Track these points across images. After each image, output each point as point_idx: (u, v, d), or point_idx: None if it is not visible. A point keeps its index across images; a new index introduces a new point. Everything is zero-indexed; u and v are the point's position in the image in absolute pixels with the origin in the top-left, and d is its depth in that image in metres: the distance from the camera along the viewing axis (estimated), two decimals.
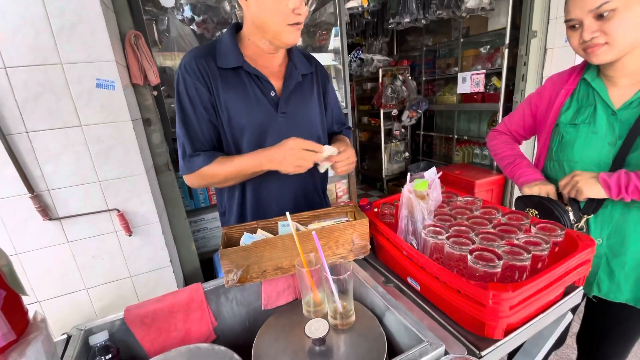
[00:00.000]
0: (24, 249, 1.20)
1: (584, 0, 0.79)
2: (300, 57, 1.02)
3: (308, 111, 1.01)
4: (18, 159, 1.12)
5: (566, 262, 0.65)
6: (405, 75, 3.84)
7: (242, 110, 0.90)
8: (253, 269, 0.75)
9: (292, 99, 0.97)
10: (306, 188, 1.06)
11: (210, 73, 0.87)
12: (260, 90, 0.92)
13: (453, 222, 0.81)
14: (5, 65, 1.05)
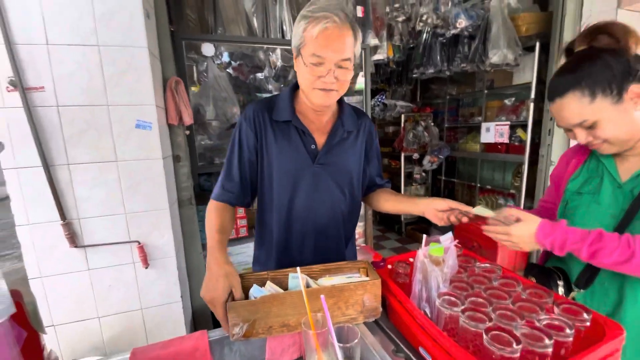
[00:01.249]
0: (47, 273, 1.25)
1: (566, 118, 0.82)
2: (351, 114, 1.07)
3: (345, 164, 1.05)
4: (56, 188, 1.21)
5: (593, 351, 0.60)
6: (428, 121, 3.89)
7: (280, 156, 0.99)
8: (260, 324, 0.75)
9: (332, 152, 1.02)
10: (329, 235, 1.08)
11: (263, 123, 0.99)
12: (303, 142, 0.99)
13: (470, 292, 0.78)
14: (58, 104, 1.17)
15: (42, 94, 1.15)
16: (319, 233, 1.05)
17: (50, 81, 1.15)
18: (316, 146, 1.00)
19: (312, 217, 1.02)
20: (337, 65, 0.88)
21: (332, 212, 1.05)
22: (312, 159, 1.00)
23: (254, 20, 2.08)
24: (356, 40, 0.90)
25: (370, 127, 1.12)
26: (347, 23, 0.87)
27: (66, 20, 1.14)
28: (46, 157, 1.18)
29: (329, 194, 1.03)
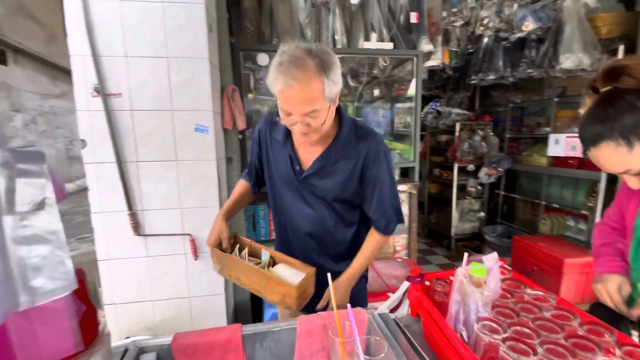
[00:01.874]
0: (114, 256, 1.42)
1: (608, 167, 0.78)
2: (348, 141, 1.02)
3: (330, 187, 1.05)
4: (126, 182, 1.37)
5: None
6: (486, 130, 3.63)
7: (273, 169, 1.11)
8: (225, 271, 1.05)
9: (316, 175, 1.05)
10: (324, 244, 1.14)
11: (265, 139, 1.12)
12: (290, 161, 1.06)
13: (515, 320, 0.71)
14: (132, 109, 1.33)
15: (119, 99, 1.32)
16: (313, 240, 1.13)
17: (126, 89, 1.32)
18: (300, 167, 1.05)
19: (301, 226, 1.11)
20: (305, 116, 0.88)
21: (320, 225, 1.10)
22: (297, 178, 1.06)
23: (307, 30, 2.16)
24: (327, 84, 0.86)
25: (372, 152, 1.03)
26: (311, 75, 0.84)
27: (142, 34, 1.30)
28: (120, 155, 1.35)
29: (314, 208, 1.09)
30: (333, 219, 1.10)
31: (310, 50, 0.86)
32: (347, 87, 2.54)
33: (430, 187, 4.41)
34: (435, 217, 4.33)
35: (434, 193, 4.31)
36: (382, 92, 2.87)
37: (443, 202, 4.09)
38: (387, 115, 2.71)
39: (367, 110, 2.72)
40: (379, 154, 1.03)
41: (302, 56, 0.85)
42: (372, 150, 1.03)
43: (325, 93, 0.87)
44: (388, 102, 2.75)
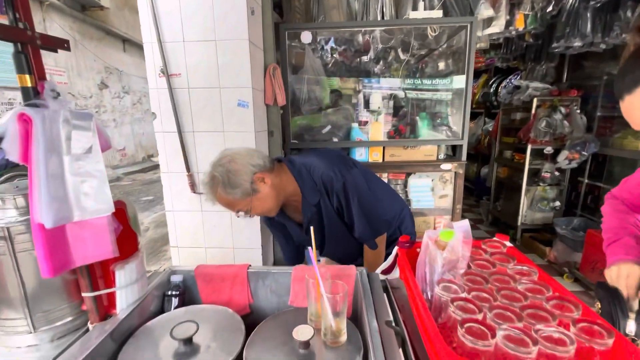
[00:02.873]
0: (177, 209, 1.75)
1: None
2: (310, 187, 1.19)
3: (328, 227, 1.25)
4: (185, 149, 1.66)
5: None
6: (572, 107, 3.13)
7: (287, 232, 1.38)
8: None
9: (313, 224, 1.19)
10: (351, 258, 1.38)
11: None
12: (294, 222, 1.32)
13: (480, 286, 0.73)
14: (189, 87, 1.58)
15: (179, 79, 1.58)
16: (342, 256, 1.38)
17: (184, 69, 1.57)
18: (299, 225, 1.29)
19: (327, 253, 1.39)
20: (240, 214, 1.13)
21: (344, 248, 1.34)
22: (304, 232, 1.28)
23: (355, 4, 2.16)
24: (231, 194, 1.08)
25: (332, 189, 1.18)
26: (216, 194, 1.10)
27: (196, 21, 1.52)
28: (180, 125, 1.63)
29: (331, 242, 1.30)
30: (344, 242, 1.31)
31: (213, 175, 1.09)
32: (398, 60, 2.47)
33: (499, 171, 4.02)
34: (501, 204, 3.96)
35: (503, 178, 3.93)
36: (440, 65, 2.70)
37: (512, 188, 3.71)
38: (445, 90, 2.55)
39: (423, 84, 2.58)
40: (334, 184, 1.17)
41: (209, 183, 1.11)
42: (327, 184, 1.18)
43: (236, 197, 1.08)
44: (446, 76, 2.58)
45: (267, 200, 1.13)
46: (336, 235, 1.28)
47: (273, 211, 1.18)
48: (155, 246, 3.66)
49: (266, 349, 0.75)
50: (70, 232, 0.71)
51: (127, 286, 0.82)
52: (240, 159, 1.10)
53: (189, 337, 0.73)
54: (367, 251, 1.30)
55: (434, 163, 2.12)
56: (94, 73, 7.22)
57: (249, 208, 1.12)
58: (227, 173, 1.08)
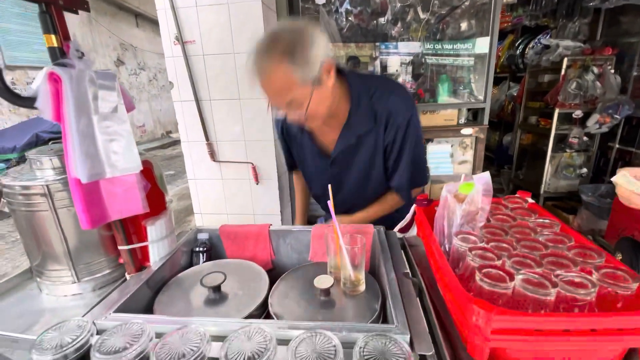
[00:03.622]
0: (198, 177, 1.81)
1: None
2: (365, 112, 0.99)
3: (359, 164, 1.10)
4: (203, 118, 1.68)
5: (608, 317, 0.51)
6: (605, 67, 2.91)
7: (304, 156, 1.18)
8: None
9: (343, 156, 1.08)
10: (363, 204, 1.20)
11: (288, 133, 1.18)
12: (317, 149, 1.12)
13: (500, 237, 0.73)
14: (203, 53, 1.58)
15: (193, 45, 1.57)
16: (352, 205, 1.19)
17: (198, 36, 1.56)
18: (326, 152, 1.10)
19: (341, 198, 1.16)
20: (288, 107, 0.88)
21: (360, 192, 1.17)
22: (327, 161, 1.10)
23: None
24: (296, 69, 0.79)
25: (392, 116, 0.99)
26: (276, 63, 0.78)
27: None
28: (197, 94, 1.64)
29: (352, 184, 1.14)
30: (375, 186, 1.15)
31: (276, 34, 0.80)
32: (417, 20, 2.34)
33: (522, 138, 3.87)
34: (523, 172, 3.85)
35: (526, 145, 3.78)
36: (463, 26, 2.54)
37: (536, 156, 3.57)
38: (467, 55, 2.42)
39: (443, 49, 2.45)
40: (399, 116, 0.99)
41: (266, 44, 0.79)
42: (391, 115, 0.99)
43: (298, 78, 0.79)
44: (469, 39, 2.44)
45: (324, 101, 0.88)
46: (357, 181, 1.12)
47: (321, 119, 0.92)
48: (179, 216, 3.83)
49: (289, 297, 0.79)
50: (103, 188, 0.76)
51: (158, 241, 0.88)
52: (315, 36, 0.80)
53: (217, 285, 0.78)
54: (392, 199, 1.15)
55: (454, 128, 2.06)
56: (110, 50, 7.28)
57: (304, 102, 0.84)
58: (296, 41, 0.78)
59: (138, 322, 0.58)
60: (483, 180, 0.73)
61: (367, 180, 1.13)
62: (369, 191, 1.17)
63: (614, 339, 0.52)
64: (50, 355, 0.52)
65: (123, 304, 0.73)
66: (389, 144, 1.04)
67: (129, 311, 0.72)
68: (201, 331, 0.54)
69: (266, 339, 0.52)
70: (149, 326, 0.58)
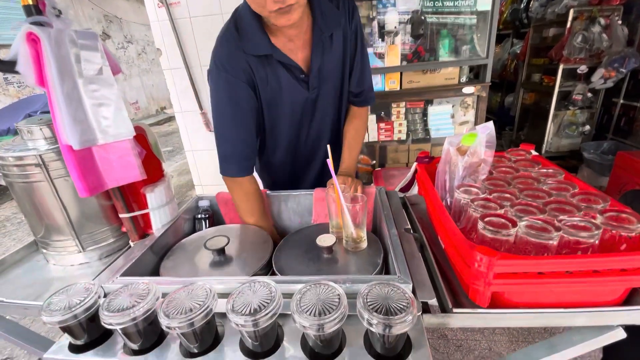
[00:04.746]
0: (196, 148, 1.78)
1: None
2: (326, 8, 0.86)
3: (336, 79, 0.97)
4: (195, 86, 1.63)
5: (609, 257, 0.52)
6: (613, 18, 2.77)
7: (277, 94, 0.90)
8: None
9: (321, 73, 0.92)
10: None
11: (243, 64, 0.84)
12: (291, 74, 0.89)
13: (503, 187, 0.72)
14: (190, 15, 1.49)
15: (179, 7, 1.49)
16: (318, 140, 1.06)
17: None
18: (305, 73, 0.89)
19: (316, 144, 1.06)
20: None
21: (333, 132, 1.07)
22: (306, 87, 0.91)
23: None
24: None
25: (351, 8, 0.89)
26: None
27: None
28: (187, 60, 1.58)
29: (326, 107, 0.99)
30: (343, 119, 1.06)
31: None
32: None
33: (525, 97, 3.77)
34: (525, 132, 3.79)
35: (529, 104, 3.70)
36: None
37: (538, 115, 3.50)
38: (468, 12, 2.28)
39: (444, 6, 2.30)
40: (356, 14, 0.92)
41: None
42: (351, 7, 0.90)
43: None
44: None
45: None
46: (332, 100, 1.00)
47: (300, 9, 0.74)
48: (181, 191, 3.84)
49: (293, 256, 0.80)
50: (97, 155, 0.74)
51: (158, 208, 0.87)
52: None
53: (221, 247, 0.79)
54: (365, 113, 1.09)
55: (456, 87, 2.00)
56: (94, 23, 6.94)
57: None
58: None
59: (144, 282, 0.59)
60: (487, 130, 0.71)
61: (341, 98, 1.01)
62: (342, 113, 1.06)
63: (616, 280, 0.52)
64: (59, 316, 0.53)
65: (129, 268, 0.73)
66: (350, 42, 0.93)
67: (135, 275, 0.73)
68: (207, 287, 0.55)
69: (271, 292, 0.53)
70: (155, 286, 0.58)
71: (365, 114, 1.10)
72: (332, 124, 1.06)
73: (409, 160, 2.26)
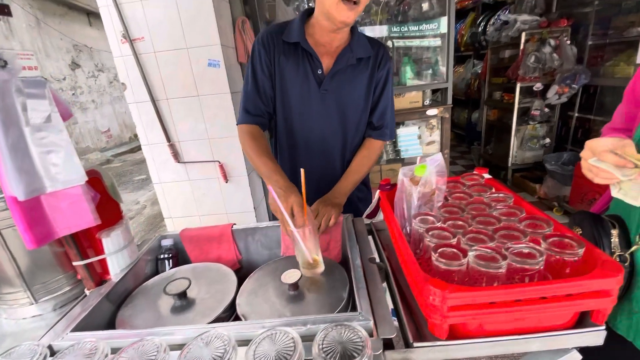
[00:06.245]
0: (164, 180, 1.75)
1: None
2: (363, 41, 1.04)
3: (351, 92, 1.05)
4: (161, 118, 1.61)
5: (554, 284, 0.54)
6: (562, 38, 3.02)
7: (291, 80, 1.03)
8: None
9: (337, 78, 1.03)
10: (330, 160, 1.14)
11: (275, 46, 1.01)
12: (310, 66, 1.02)
13: (456, 215, 0.75)
14: (154, 50, 1.50)
15: (143, 43, 1.49)
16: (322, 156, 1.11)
17: (147, 32, 1.48)
18: (323, 71, 1.02)
19: (316, 140, 1.08)
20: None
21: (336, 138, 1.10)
22: (318, 83, 1.03)
23: None
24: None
25: (385, 57, 1.06)
26: None
27: None
28: (152, 94, 1.57)
29: (333, 120, 1.06)
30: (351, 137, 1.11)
31: None
32: (377, 3, 2.33)
33: (489, 114, 3.98)
34: (492, 147, 3.98)
35: (493, 120, 3.90)
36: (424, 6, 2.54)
37: (502, 130, 3.70)
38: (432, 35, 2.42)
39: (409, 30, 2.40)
40: (387, 55, 1.07)
41: None
42: (384, 54, 1.07)
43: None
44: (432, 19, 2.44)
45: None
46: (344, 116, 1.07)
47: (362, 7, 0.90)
48: (154, 222, 3.72)
49: (257, 295, 0.78)
50: (46, 204, 0.71)
51: (116, 252, 0.84)
52: None
53: (182, 291, 0.76)
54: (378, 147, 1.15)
55: (420, 110, 2.08)
56: (63, 53, 6.82)
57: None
58: None
59: (92, 340, 0.56)
60: (435, 162, 0.74)
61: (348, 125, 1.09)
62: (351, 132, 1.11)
63: (564, 305, 0.54)
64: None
65: (82, 321, 0.69)
66: (379, 82, 1.07)
67: (90, 328, 0.69)
68: (157, 343, 0.53)
69: (225, 343, 0.51)
70: (103, 343, 0.55)
71: (378, 148, 1.16)
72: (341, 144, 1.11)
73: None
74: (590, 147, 0.65)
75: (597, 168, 0.62)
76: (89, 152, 6.93)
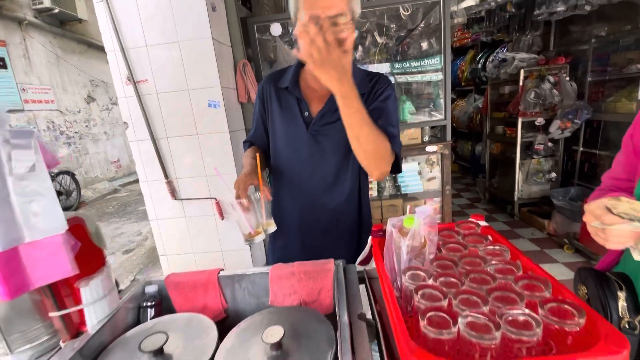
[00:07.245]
0: (161, 217, 1.74)
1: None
2: (360, 79, 1.00)
3: (339, 133, 1.03)
4: (161, 155, 1.63)
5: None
6: (561, 75, 3.06)
7: (278, 121, 1.07)
8: None
9: (326, 119, 1.03)
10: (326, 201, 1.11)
11: (269, 91, 1.08)
12: (299, 109, 1.05)
13: (449, 271, 0.70)
14: (157, 92, 1.55)
15: (146, 85, 1.55)
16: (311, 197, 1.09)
17: (150, 74, 1.54)
18: (310, 113, 1.03)
19: (304, 182, 1.08)
20: (331, 23, 0.81)
21: (326, 179, 1.07)
22: (306, 125, 1.03)
23: None
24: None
25: (381, 82, 1.03)
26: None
27: (156, 23, 1.48)
28: (153, 132, 1.60)
29: (323, 161, 1.05)
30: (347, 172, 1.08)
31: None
32: (376, 45, 2.41)
33: (492, 147, 3.97)
34: (497, 180, 3.92)
35: (496, 154, 3.88)
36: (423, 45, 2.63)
37: (506, 164, 3.66)
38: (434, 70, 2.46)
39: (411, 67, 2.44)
40: (385, 80, 1.04)
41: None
42: (380, 83, 1.03)
43: (353, 4, 0.86)
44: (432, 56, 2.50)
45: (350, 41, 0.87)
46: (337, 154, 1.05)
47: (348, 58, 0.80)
48: (154, 255, 3.67)
49: (236, 354, 0.73)
50: (23, 254, 0.69)
51: (94, 302, 0.80)
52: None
53: (157, 348, 0.71)
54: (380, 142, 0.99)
55: (419, 146, 2.08)
56: (79, 87, 7.17)
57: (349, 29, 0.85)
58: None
59: None
60: (425, 213, 0.71)
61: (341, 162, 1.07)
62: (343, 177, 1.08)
63: None
64: None
65: None
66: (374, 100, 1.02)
67: None
68: None
69: None
70: None
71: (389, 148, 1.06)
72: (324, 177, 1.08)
73: (382, 216, 2.26)
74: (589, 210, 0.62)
75: (605, 232, 0.59)
76: (97, 182, 7.06)
